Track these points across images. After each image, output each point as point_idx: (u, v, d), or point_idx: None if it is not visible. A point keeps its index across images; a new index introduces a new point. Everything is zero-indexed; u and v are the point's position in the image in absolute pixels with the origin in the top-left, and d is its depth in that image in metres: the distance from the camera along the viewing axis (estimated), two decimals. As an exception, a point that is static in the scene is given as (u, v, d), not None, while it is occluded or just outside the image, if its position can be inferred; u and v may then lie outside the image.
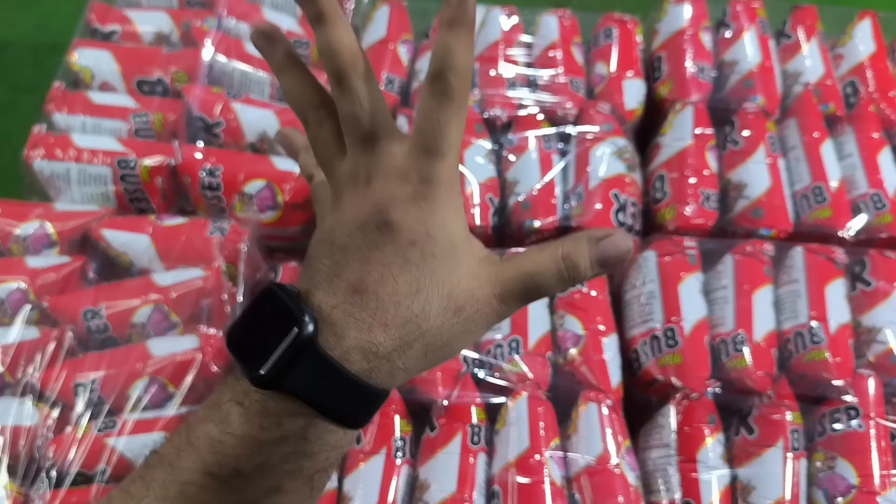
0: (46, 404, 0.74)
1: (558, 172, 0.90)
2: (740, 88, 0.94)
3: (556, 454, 0.71)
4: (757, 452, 0.72)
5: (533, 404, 0.73)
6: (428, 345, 0.41)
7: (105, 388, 0.74)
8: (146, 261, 0.82)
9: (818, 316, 0.77)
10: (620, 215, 0.86)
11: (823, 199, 0.86)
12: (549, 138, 0.91)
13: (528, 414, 0.72)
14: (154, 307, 0.78)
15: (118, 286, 0.80)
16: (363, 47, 0.96)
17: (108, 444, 0.71)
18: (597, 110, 0.92)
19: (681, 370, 0.75)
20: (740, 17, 0.99)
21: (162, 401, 0.74)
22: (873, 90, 0.95)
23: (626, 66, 0.97)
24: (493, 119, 0.93)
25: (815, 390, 0.76)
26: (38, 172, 0.86)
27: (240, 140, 0.89)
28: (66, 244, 0.84)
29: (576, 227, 0.86)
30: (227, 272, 0.80)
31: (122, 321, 0.78)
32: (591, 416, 0.73)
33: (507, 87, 0.95)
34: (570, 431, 0.73)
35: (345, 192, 0.42)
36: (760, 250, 0.81)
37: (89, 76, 0.93)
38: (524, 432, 0.71)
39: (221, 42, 0.94)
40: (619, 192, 0.86)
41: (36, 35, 1.30)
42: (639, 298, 0.81)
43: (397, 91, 0.97)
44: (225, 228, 0.83)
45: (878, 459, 0.70)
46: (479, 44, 1.01)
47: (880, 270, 0.80)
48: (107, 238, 0.82)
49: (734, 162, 0.89)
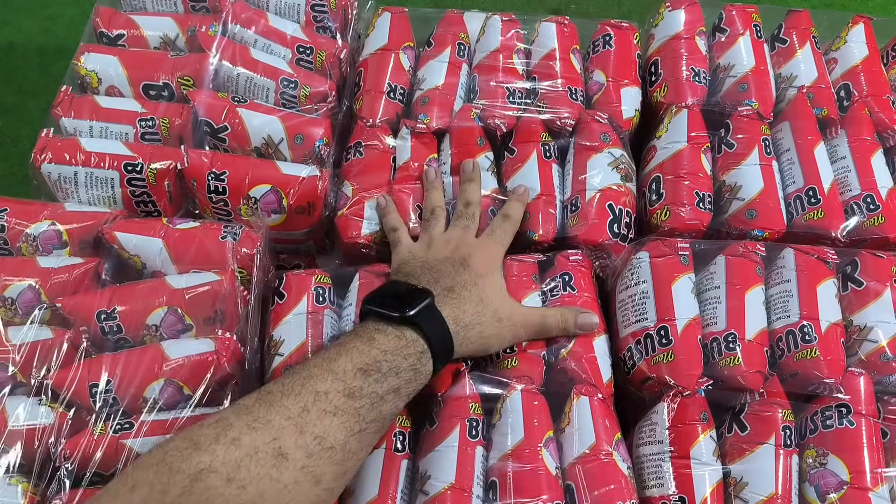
0: (61, 405, 0.74)
1: (556, 181, 0.91)
2: (735, 92, 0.96)
3: (551, 445, 0.73)
4: (749, 449, 0.73)
5: (527, 397, 0.75)
6: (482, 333, 0.74)
7: (120, 389, 0.75)
8: (159, 263, 0.83)
9: (809, 315, 0.78)
10: (615, 227, 0.87)
11: (816, 201, 0.87)
12: (548, 148, 0.93)
13: (522, 407, 0.74)
14: (168, 309, 0.79)
15: (132, 288, 0.81)
16: (366, 56, 1.01)
17: (125, 445, 0.72)
18: (594, 119, 0.94)
19: (673, 368, 0.76)
20: (735, 22, 1.00)
21: (177, 402, 0.75)
22: (867, 93, 0.96)
23: (625, 73, 0.99)
24: (493, 130, 0.95)
25: (807, 388, 0.77)
26: (45, 176, 0.88)
27: (245, 145, 0.91)
28: (77, 245, 0.85)
29: (572, 237, 0.87)
30: (240, 276, 0.82)
31: (136, 323, 0.79)
32: (584, 408, 0.74)
33: (507, 97, 0.97)
34: (564, 424, 0.75)
35: (436, 242, 0.83)
36: (752, 251, 0.82)
37: (96, 80, 0.95)
38: (519, 424, 0.73)
39: (227, 48, 0.95)
40: (614, 203, 0.88)
41: (42, 39, 1.32)
42: (632, 298, 0.82)
43: (399, 99, 0.98)
44: (237, 233, 0.84)
45: (869, 456, 0.72)
46: (479, 52, 1.02)
47: (871, 270, 0.82)
48: (120, 240, 0.83)
49: (728, 164, 0.90)
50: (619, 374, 0.82)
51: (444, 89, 0.97)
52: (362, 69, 1.00)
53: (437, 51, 1.01)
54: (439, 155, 0.95)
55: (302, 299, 0.83)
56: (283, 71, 0.95)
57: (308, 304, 0.83)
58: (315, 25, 1.04)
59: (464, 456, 0.72)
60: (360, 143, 0.94)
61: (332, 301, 0.85)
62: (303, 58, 0.99)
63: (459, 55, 1.01)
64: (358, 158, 0.93)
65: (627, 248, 0.86)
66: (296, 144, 0.91)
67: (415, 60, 1.03)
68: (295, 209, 0.87)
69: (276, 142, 0.90)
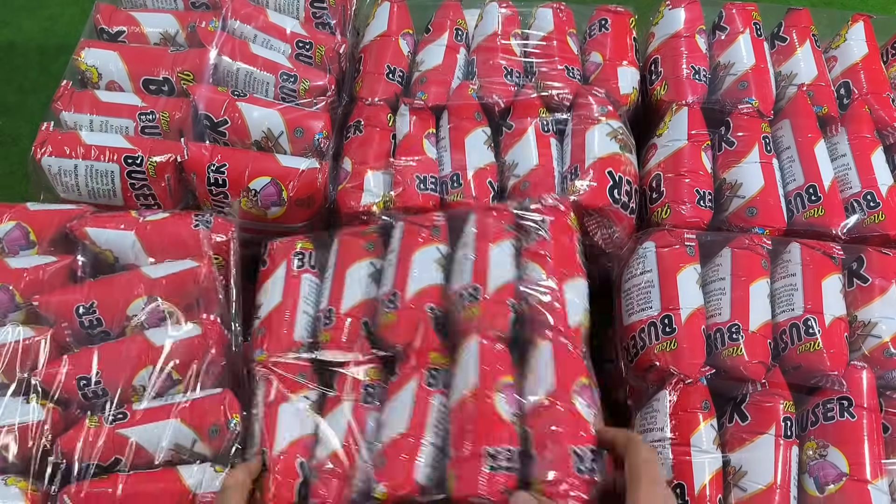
0: (51, 401, 0.74)
1: (555, 154, 0.92)
2: (735, 90, 0.96)
3: (508, 392, 0.69)
4: (749, 439, 0.73)
5: (484, 345, 0.71)
6: None
7: (109, 380, 0.75)
8: (132, 256, 0.83)
9: (814, 309, 0.78)
10: (615, 192, 0.87)
11: (817, 199, 0.87)
12: (545, 122, 0.93)
13: (478, 353, 0.71)
14: (147, 298, 0.79)
15: (109, 281, 0.81)
16: (367, 43, 1.01)
17: (122, 435, 0.71)
18: (592, 94, 0.94)
19: (676, 356, 0.76)
20: (735, 20, 1.01)
21: (168, 388, 0.75)
22: (866, 91, 0.97)
23: (621, 54, 1.00)
24: (490, 106, 0.95)
25: (809, 380, 0.77)
26: (46, 169, 0.87)
27: (245, 138, 0.91)
28: (46, 244, 0.85)
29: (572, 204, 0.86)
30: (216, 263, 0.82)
31: (116, 315, 0.79)
32: (544, 354, 0.70)
33: (505, 75, 0.97)
34: (526, 371, 0.71)
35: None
36: (758, 244, 0.82)
37: (96, 75, 0.95)
38: (473, 370, 0.70)
39: (226, 43, 0.96)
40: (613, 170, 0.88)
41: (43, 38, 1.32)
42: (638, 287, 0.82)
43: (398, 80, 0.99)
44: (209, 221, 0.84)
45: (869, 449, 0.72)
46: (478, 36, 1.03)
47: (877, 267, 0.82)
48: (91, 235, 0.83)
49: (729, 162, 0.91)
50: (624, 361, 0.82)
51: (442, 69, 0.99)
52: (363, 55, 1.02)
53: (435, 35, 1.03)
54: (437, 130, 0.95)
55: (281, 264, 0.83)
56: (282, 65, 0.95)
57: (287, 269, 0.83)
58: (314, 21, 1.05)
59: (419, 405, 0.71)
60: (360, 121, 0.94)
61: (314, 265, 0.84)
62: (302, 53, 1.00)
63: (457, 39, 1.03)
64: (358, 136, 0.93)
65: (634, 238, 0.86)
66: (295, 137, 0.91)
67: (413, 46, 1.04)
68: (295, 201, 0.87)
69: (276, 135, 0.90)
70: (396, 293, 0.77)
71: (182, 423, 0.72)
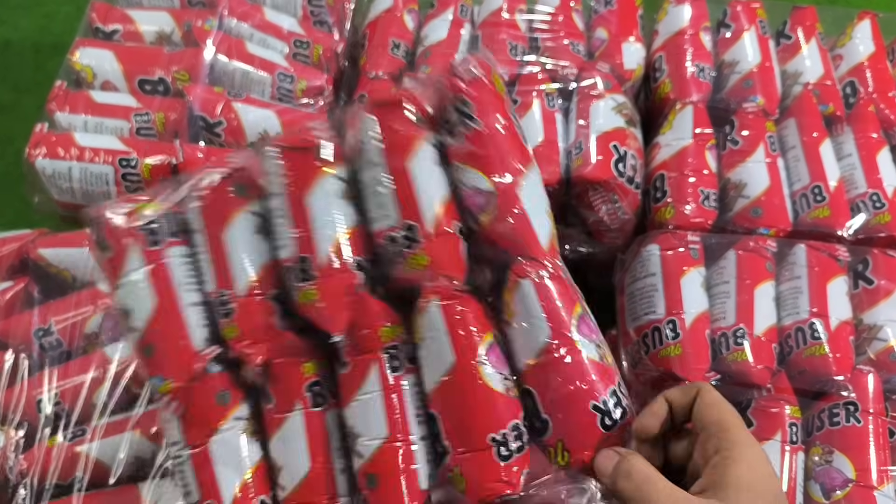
0: (10, 426, 0.73)
1: (560, 129, 0.91)
2: (740, 88, 0.94)
3: (492, 353, 0.57)
4: (755, 445, 0.72)
5: (447, 309, 0.57)
6: None
7: (67, 399, 0.74)
8: (88, 274, 0.82)
9: (819, 312, 0.77)
10: (620, 166, 0.86)
11: (822, 199, 0.86)
12: (551, 97, 0.93)
13: (444, 321, 0.57)
14: (104, 314, 0.78)
15: (66, 301, 0.80)
16: (371, 19, 1.02)
17: (80, 452, 0.70)
18: (596, 69, 0.94)
19: (680, 361, 0.75)
20: (740, 18, 1.00)
21: (126, 402, 0.74)
22: (872, 90, 0.95)
23: (627, 31, 1.00)
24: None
25: (815, 385, 0.76)
26: (40, 171, 0.86)
27: (241, 139, 0.90)
28: (4, 271, 0.84)
29: (576, 177, 0.86)
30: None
31: (74, 334, 0.78)
32: (527, 295, 0.58)
33: (510, 50, 0.97)
34: (507, 317, 0.59)
35: None
36: (763, 246, 0.82)
37: (91, 75, 0.94)
38: (446, 346, 0.57)
39: (223, 42, 0.95)
40: (618, 144, 0.87)
41: (38, 36, 1.31)
42: (641, 290, 0.81)
43: (403, 55, 1.00)
44: None
45: (876, 454, 0.71)
46: (483, 12, 1.03)
47: (882, 269, 0.81)
48: (46, 257, 0.82)
49: (733, 161, 0.89)
50: (627, 365, 0.81)
51: (447, 44, 0.99)
52: (367, 30, 1.03)
53: (439, 11, 1.04)
54: None
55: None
56: (279, 65, 0.95)
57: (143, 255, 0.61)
58: (312, 20, 1.04)
59: (390, 401, 0.57)
60: (364, 95, 0.94)
61: (174, 232, 0.61)
62: (299, 52, 0.99)
63: (462, 15, 1.03)
64: None
65: (637, 240, 0.85)
66: (293, 139, 0.89)
67: (418, 21, 1.05)
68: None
69: (272, 136, 0.89)
70: (306, 257, 0.58)
71: (141, 435, 0.71)
